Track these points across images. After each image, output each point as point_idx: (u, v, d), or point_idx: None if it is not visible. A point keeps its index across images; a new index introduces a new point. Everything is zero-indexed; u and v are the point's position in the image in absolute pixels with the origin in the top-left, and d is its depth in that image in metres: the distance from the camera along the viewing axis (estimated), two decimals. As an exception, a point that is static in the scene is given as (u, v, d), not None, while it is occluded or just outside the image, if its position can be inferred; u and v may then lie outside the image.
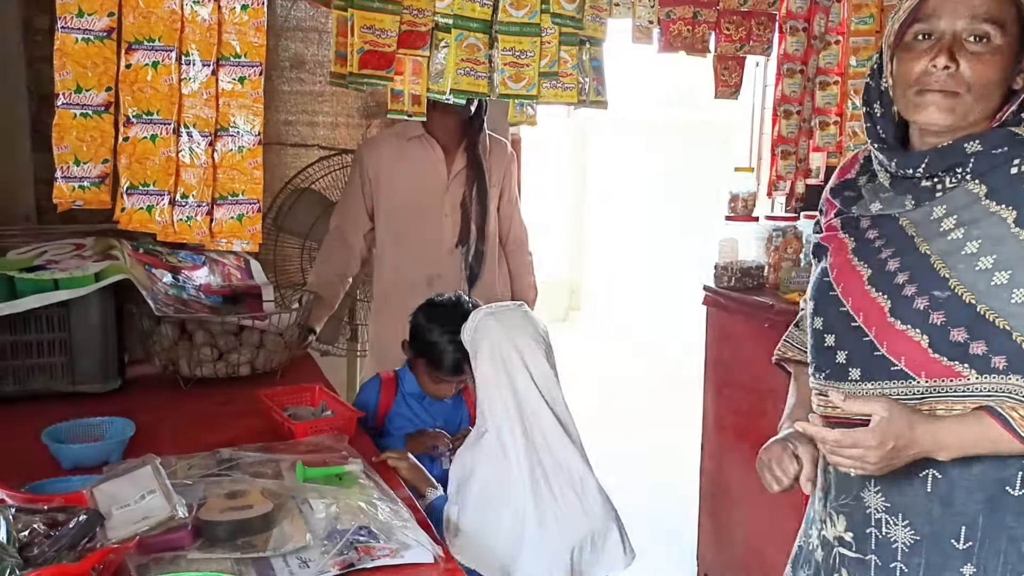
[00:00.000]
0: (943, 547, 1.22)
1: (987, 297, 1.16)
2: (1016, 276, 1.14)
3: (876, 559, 1.28)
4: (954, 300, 1.17)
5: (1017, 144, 1.18)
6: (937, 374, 1.18)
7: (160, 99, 1.54)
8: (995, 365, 1.15)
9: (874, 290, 1.24)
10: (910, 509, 1.24)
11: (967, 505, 1.21)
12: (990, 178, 1.19)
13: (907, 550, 1.25)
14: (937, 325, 1.17)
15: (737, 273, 2.79)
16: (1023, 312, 1.13)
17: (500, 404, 1.59)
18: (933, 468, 1.21)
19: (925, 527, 1.23)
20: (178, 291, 2.07)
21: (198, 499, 1.28)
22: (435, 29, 1.85)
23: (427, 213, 2.52)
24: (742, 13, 2.21)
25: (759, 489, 1.47)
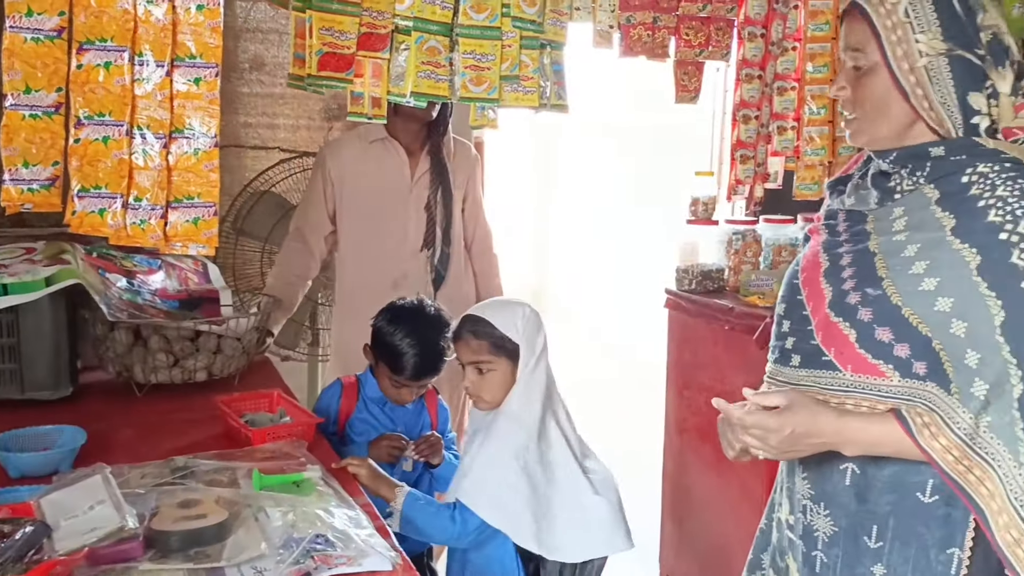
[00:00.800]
0: (858, 543, 1.25)
1: (913, 301, 1.17)
2: (943, 284, 1.16)
3: (803, 545, 1.33)
4: (883, 299, 1.19)
5: (977, 153, 1.20)
6: (862, 369, 1.20)
7: (112, 100, 1.51)
8: (916, 370, 1.17)
9: (824, 282, 1.27)
10: (831, 499, 1.27)
11: (879, 504, 1.23)
12: (943, 184, 1.21)
13: (827, 540, 1.28)
14: (864, 321, 1.20)
15: (698, 276, 2.82)
16: (944, 321, 1.15)
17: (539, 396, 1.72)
18: (853, 463, 1.24)
19: (842, 520, 1.27)
20: (133, 296, 2.03)
21: (150, 509, 1.25)
22: (395, 31, 1.83)
23: (391, 216, 2.51)
24: (701, 19, 2.23)
25: (721, 491, 1.51)
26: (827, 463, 1.26)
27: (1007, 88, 1.20)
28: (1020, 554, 1.11)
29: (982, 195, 1.17)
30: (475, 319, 1.76)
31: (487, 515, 1.63)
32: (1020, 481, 1.10)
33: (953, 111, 1.22)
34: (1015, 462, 1.11)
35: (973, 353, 1.13)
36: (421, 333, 1.96)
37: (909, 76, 1.22)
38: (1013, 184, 1.15)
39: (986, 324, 1.13)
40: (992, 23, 1.21)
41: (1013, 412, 1.11)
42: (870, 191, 1.30)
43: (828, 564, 1.29)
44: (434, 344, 1.97)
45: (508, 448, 1.67)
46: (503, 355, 1.73)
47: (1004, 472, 1.11)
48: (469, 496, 1.65)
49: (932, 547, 1.21)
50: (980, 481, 1.13)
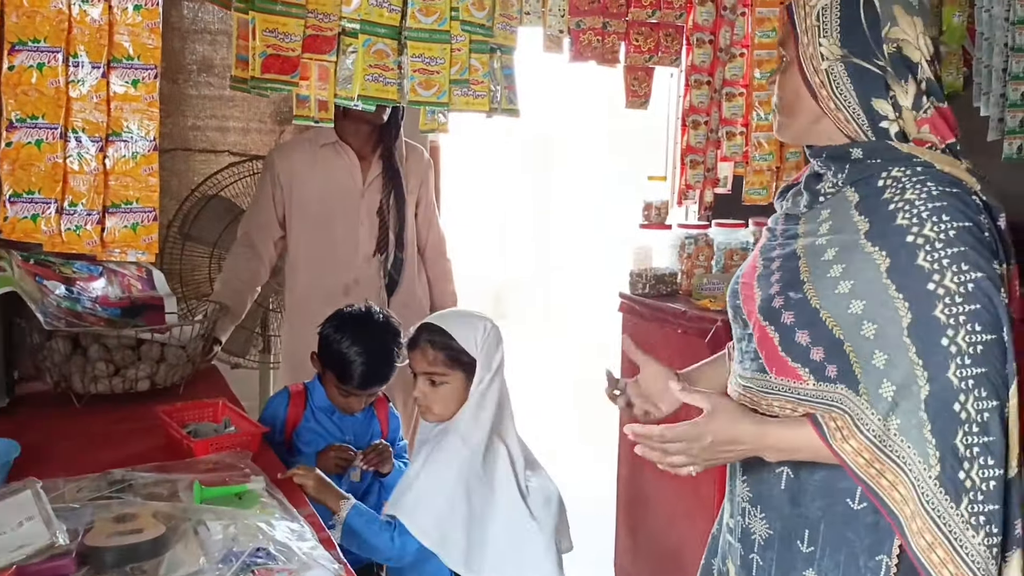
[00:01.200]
0: (791, 547, 1.26)
1: (830, 304, 1.19)
2: (856, 287, 1.17)
3: (741, 547, 1.35)
4: (804, 303, 1.21)
5: (891, 157, 1.22)
6: (784, 372, 1.23)
7: (46, 102, 1.46)
8: (828, 373, 1.19)
9: (756, 285, 1.30)
10: (767, 503, 1.29)
11: (811, 509, 1.24)
12: (861, 187, 1.23)
13: (763, 543, 1.30)
14: (787, 325, 1.22)
15: (651, 280, 2.83)
16: (855, 323, 1.16)
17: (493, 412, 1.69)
18: (788, 467, 1.26)
19: (777, 523, 1.28)
20: (72, 303, 1.97)
21: (85, 524, 1.21)
22: (342, 34, 1.81)
23: (342, 220, 2.48)
24: (650, 25, 2.24)
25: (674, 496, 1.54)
26: (765, 467, 1.28)
27: (908, 102, 1.22)
28: (935, 559, 1.11)
29: (892, 199, 1.18)
30: (433, 328, 1.72)
31: (423, 536, 1.60)
32: (931, 485, 1.10)
33: (858, 114, 1.24)
34: (925, 465, 1.11)
35: (881, 354, 1.14)
36: (369, 341, 1.93)
37: (815, 76, 1.25)
38: (921, 188, 1.17)
39: (894, 326, 1.13)
40: (898, 36, 1.22)
41: (920, 414, 1.11)
42: (803, 195, 1.32)
43: (763, 567, 1.30)
44: (382, 352, 1.95)
45: (452, 467, 1.64)
46: (458, 368, 1.69)
47: (915, 476, 1.11)
48: (407, 514, 1.62)
49: (861, 553, 1.21)
50: (893, 486, 1.13)
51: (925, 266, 1.13)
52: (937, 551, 1.11)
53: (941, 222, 1.14)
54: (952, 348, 1.10)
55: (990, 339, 1.11)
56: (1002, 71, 2.65)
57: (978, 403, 1.10)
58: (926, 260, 1.13)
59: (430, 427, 1.75)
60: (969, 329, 1.11)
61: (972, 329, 1.11)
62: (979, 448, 1.10)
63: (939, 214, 1.14)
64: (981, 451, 1.10)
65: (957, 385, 1.10)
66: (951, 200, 1.15)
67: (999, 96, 2.67)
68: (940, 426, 1.10)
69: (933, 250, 1.13)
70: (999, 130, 2.70)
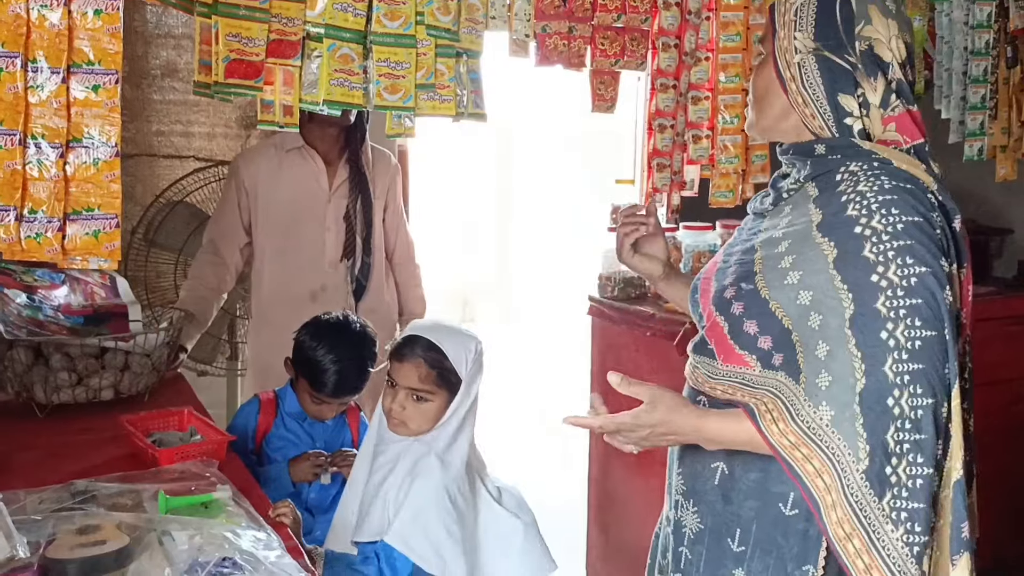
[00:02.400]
0: (721, 543, 1.28)
1: (779, 294, 1.20)
2: (804, 278, 1.18)
3: (672, 540, 1.37)
4: (754, 293, 1.23)
5: (852, 154, 1.24)
6: (732, 360, 1.25)
7: (4, 108, 1.44)
8: (774, 361, 1.20)
9: (714, 280, 1.34)
10: (700, 497, 1.31)
11: (743, 508, 1.25)
12: (820, 181, 1.26)
13: (693, 537, 1.32)
14: (736, 315, 1.25)
15: (620, 283, 2.84)
16: (803, 313, 1.17)
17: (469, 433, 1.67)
18: (723, 462, 1.28)
19: (708, 518, 1.30)
20: (33, 312, 1.94)
21: (47, 536, 1.19)
22: (307, 38, 1.80)
23: (308, 226, 2.47)
24: (616, 29, 2.25)
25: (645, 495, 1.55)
26: (700, 461, 1.31)
27: (876, 100, 1.25)
28: (850, 548, 1.12)
29: (846, 191, 1.20)
30: (429, 345, 1.65)
31: (424, 563, 1.55)
32: (857, 478, 1.10)
33: (824, 108, 1.26)
34: (854, 458, 1.11)
35: (823, 345, 1.14)
36: (344, 350, 1.92)
37: (787, 70, 1.28)
38: (874, 181, 1.18)
39: (837, 317, 1.13)
40: (871, 35, 1.25)
41: (854, 407, 1.11)
42: (769, 194, 1.35)
43: (692, 561, 1.32)
44: (357, 362, 1.94)
45: (441, 491, 1.60)
46: (445, 388, 1.65)
47: (842, 467, 1.11)
48: (402, 542, 1.56)
49: (790, 560, 1.22)
50: (818, 473, 1.13)
51: (870, 257, 1.13)
52: (854, 541, 1.11)
53: (890, 215, 1.14)
54: (891, 342, 1.10)
55: (930, 335, 1.10)
56: (962, 74, 2.70)
57: (912, 399, 1.10)
58: (871, 252, 1.13)
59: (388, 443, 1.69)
60: (909, 324, 1.10)
61: (912, 324, 1.10)
62: (909, 445, 1.10)
63: (888, 207, 1.15)
64: (911, 448, 1.10)
65: (892, 380, 1.10)
66: (902, 195, 1.16)
67: (959, 99, 2.71)
68: (872, 420, 1.10)
69: (880, 242, 1.13)
70: (960, 132, 2.75)
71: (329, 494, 1.93)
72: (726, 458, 1.27)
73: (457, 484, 1.63)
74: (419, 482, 1.59)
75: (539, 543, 1.71)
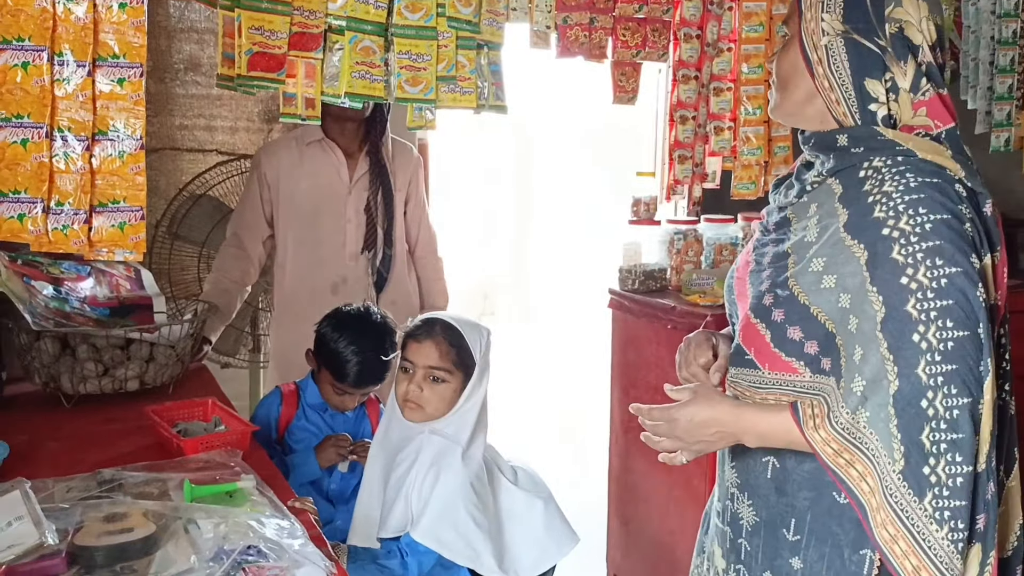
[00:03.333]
0: (777, 534, 1.28)
1: (819, 299, 1.19)
2: (841, 281, 1.17)
3: (730, 532, 1.36)
4: (792, 300, 1.22)
5: (874, 146, 1.22)
6: (778, 367, 1.23)
7: (31, 101, 1.45)
8: (823, 366, 1.19)
9: (749, 283, 1.31)
10: (754, 490, 1.31)
11: (797, 499, 1.25)
12: (843, 177, 1.24)
13: (750, 529, 1.32)
14: (778, 322, 1.23)
15: (640, 276, 2.84)
16: (844, 317, 1.16)
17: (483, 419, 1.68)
18: (773, 457, 1.27)
19: (763, 511, 1.30)
20: (60, 304, 1.96)
21: (75, 524, 1.20)
22: (328, 31, 1.81)
23: (329, 218, 2.48)
24: (637, 20, 2.24)
25: (666, 489, 1.56)
26: (751, 456, 1.30)
27: (906, 84, 1.22)
28: (897, 550, 1.12)
29: (872, 191, 1.18)
30: (447, 325, 1.69)
31: (455, 555, 1.57)
32: (894, 478, 1.10)
33: (849, 94, 1.23)
34: (889, 459, 1.10)
35: (859, 349, 1.14)
36: (366, 341, 1.93)
37: (814, 52, 1.25)
38: (900, 179, 1.16)
39: (870, 321, 1.13)
40: (901, 17, 1.22)
41: (888, 409, 1.10)
42: (793, 186, 1.33)
43: (751, 552, 1.32)
44: (379, 352, 1.95)
45: (463, 479, 1.61)
46: (461, 370, 1.67)
47: (881, 469, 1.11)
48: (430, 535, 1.57)
49: (846, 546, 1.22)
50: (862, 477, 1.13)
51: (899, 260, 1.12)
52: (899, 543, 1.11)
53: (917, 215, 1.13)
54: (923, 344, 1.10)
55: (962, 335, 1.10)
56: (989, 64, 2.67)
57: (947, 400, 1.09)
58: (900, 254, 1.12)
59: (401, 437, 1.70)
60: (940, 325, 1.10)
61: (943, 325, 1.10)
62: (946, 445, 1.09)
63: (915, 207, 1.13)
64: (948, 448, 1.09)
65: (926, 382, 1.09)
66: (929, 191, 1.15)
67: (986, 89, 2.68)
68: (906, 422, 1.10)
69: (908, 244, 1.12)
70: (987, 123, 2.72)
71: (350, 484, 1.94)
72: (776, 453, 1.27)
73: (477, 474, 1.64)
74: (444, 476, 1.60)
75: (559, 517, 1.73)
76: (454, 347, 1.67)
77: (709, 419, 1.23)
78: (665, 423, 1.25)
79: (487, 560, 1.58)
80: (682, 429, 1.24)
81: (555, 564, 1.75)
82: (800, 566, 1.25)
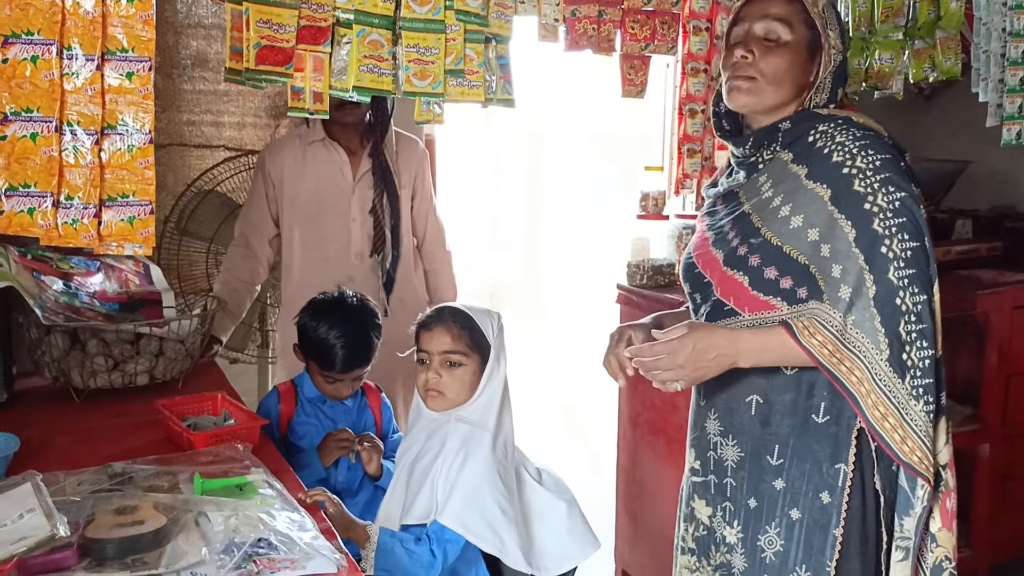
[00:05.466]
0: (761, 463, 1.47)
1: (789, 239, 1.40)
2: (808, 219, 1.39)
3: (714, 478, 1.54)
4: (765, 244, 1.42)
5: (816, 119, 1.46)
6: (757, 308, 1.42)
7: (40, 95, 1.46)
8: (799, 296, 1.39)
9: (714, 249, 1.49)
10: (738, 431, 1.49)
11: (780, 427, 1.45)
12: (795, 147, 1.46)
13: (735, 466, 1.50)
14: (754, 266, 1.42)
15: (649, 271, 2.83)
16: (815, 248, 1.38)
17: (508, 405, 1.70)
18: (757, 395, 1.46)
19: (748, 444, 1.48)
20: (70, 298, 1.97)
21: (86, 516, 1.21)
22: (336, 25, 1.80)
23: (333, 217, 2.47)
24: (646, 12, 2.23)
25: (674, 484, 1.62)
26: (735, 399, 1.49)
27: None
28: (887, 426, 1.35)
29: (826, 145, 1.42)
30: (456, 311, 1.71)
31: (481, 542, 1.56)
32: (883, 365, 1.33)
33: (825, 99, 1.48)
34: (877, 350, 1.33)
35: (837, 267, 1.36)
36: (345, 324, 1.92)
37: (827, 67, 1.46)
38: (848, 132, 1.42)
39: (843, 242, 1.36)
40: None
41: (872, 309, 1.34)
42: (739, 172, 1.53)
43: (736, 487, 1.50)
44: (360, 333, 1.94)
45: (492, 468, 1.60)
46: (476, 353, 1.67)
47: (869, 360, 1.34)
48: (458, 520, 1.55)
49: (824, 461, 1.43)
50: (850, 371, 1.34)
51: (860, 191, 1.37)
52: (889, 419, 1.35)
53: (868, 155, 1.38)
54: (890, 254, 1.34)
55: (916, 245, 1.35)
56: (1000, 56, 2.64)
57: (913, 297, 1.34)
58: (860, 186, 1.37)
59: (432, 424, 1.69)
60: (900, 238, 1.35)
61: (903, 238, 1.35)
62: (916, 333, 1.34)
63: (866, 149, 1.39)
64: (918, 336, 1.34)
65: (896, 284, 1.34)
66: (872, 140, 1.41)
67: (997, 81, 2.66)
68: (886, 317, 1.33)
69: (865, 177, 1.37)
70: (998, 115, 2.69)
71: (357, 476, 1.94)
72: (759, 390, 1.46)
73: (505, 464, 1.64)
74: (471, 462, 1.60)
75: (582, 521, 1.73)
76: (466, 330, 1.67)
77: (709, 345, 1.37)
78: (667, 354, 1.38)
79: (513, 550, 1.57)
80: (684, 357, 1.37)
81: (576, 567, 1.74)
82: (783, 485, 1.44)
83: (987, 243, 2.96)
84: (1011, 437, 2.71)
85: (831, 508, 1.42)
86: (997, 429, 2.67)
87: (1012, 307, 2.70)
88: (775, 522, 1.45)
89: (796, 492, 1.44)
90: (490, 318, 1.72)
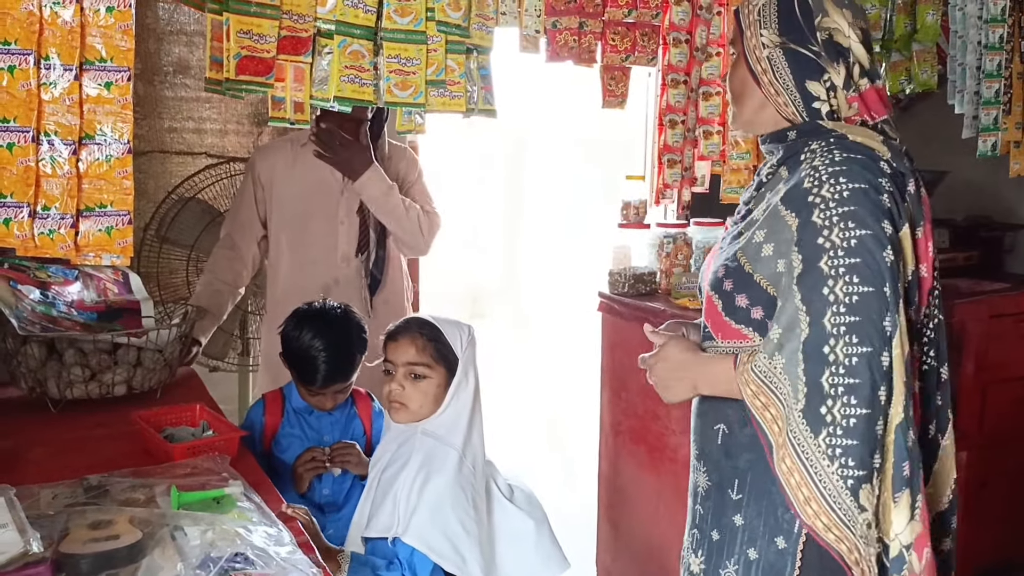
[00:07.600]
0: (724, 495, 1.41)
1: (760, 266, 1.33)
2: (777, 248, 1.31)
3: (691, 500, 1.50)
4: (739, 270, 1.36)
5: (816, 134, 1.36)
6: (730, 336, 1.38)
7: (17, 105, 1.44)
8: (770, 328, 1.30)
9: (713, 262, 1.46)
10: (708, 457, 1.45)
11: (740, 460, 1.38)
12: (790, 164, 1.39)
13: (704, 494, 1.45)
14: (727, 291, 1.37)
15: (630, 279, 2.84)
16: (779, 280, 1.30)
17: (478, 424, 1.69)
18: (723, 424, 1.41)
19: (715, 474, 1.43)
20: (47, 308, 1.95)
21: (60, 531, 1.20)
22: (317, 35, 1.80)
23: (321, 220, 2.47)
24: (627, 24, 2.24)
25: (655, 491, 1.62)
26: (707, 424, 1.44)
27: (840, 82, 1.37)
28: (792, 481, 1.25)
29: (804, 167, 1.32)
30: (423, 322, 1.69)
31: (442, 560, 1.55)
32: (796, 416, 1.23)
33: (795, 96, 1.38)
34: (794, 399, 1.24)
35: (780, 302, 1.29)
36: (326, 340, 1.88)
37: (758, 64, 1.40)
38: (827, 155, 1.30)
39: (789, 276, 1.28)
40: (829, 26, 1.37)
41: (799, 354, 1.24)
42: (754, 183, 1.49)
43: (703, 515, 1.46)
44: (341, 350, 1.90)
45: (455, 484, 1.59)
46: (442, 366, 1.66)
47: (788, 408, 1.25)
48: (421, 539, 1.54)
49: (779, 505, 1.32)
50: (774, 419, 1.27)
51: (818, 222, 1.26)
52: (795, 475, 1.25)
53: (838, 183, 1.26)
54: (831, 297, 1.23)
55: (867, 291, 1.22)
56: (976, 69, 2.68)
57: (848, 348, 1.21)
58: (819, 217, 1.26)
59: (399, 439, 1.68)
60: (848, 280, 1.22)
61: (850, 280, 1.22)
62: (843, 388, 1.21)
63: (836, 176, 1.27)
64: (845, 391, 1.21)
65: (829, 330, 1.22)
66: (851, 165, 1.28)
67: (973, 94, 2.70)
68: (810, 366, 1.22)
69: (827, 208, 1.25)
70: (974, 127, 2.73)
71: (343, 490, 1.92)
72: (726, 420, 1.40)
73: (471, 482, 1.63)
74: (435, 479, 1.58)
75: (552, 541, 1.71)
76: (431, 342, 1.66)
77: (678, 363, 1.39)
78: (655, 362, 1.42)
79: (474, 569, 1.56)
80: (660, 367, 1.40)
81: None
82: (741, 523, 1.37)
83: (964, 252, 3.00)
84: (988, 446, 2.74)
85: (786, 555, 1.31)
86: (974, 438, 2.70)
87: (989, 316, 2.73)
88: (734, 559, 1.38)
89: (754, 532, 1.35)
90: (459, 330, 1.69)
